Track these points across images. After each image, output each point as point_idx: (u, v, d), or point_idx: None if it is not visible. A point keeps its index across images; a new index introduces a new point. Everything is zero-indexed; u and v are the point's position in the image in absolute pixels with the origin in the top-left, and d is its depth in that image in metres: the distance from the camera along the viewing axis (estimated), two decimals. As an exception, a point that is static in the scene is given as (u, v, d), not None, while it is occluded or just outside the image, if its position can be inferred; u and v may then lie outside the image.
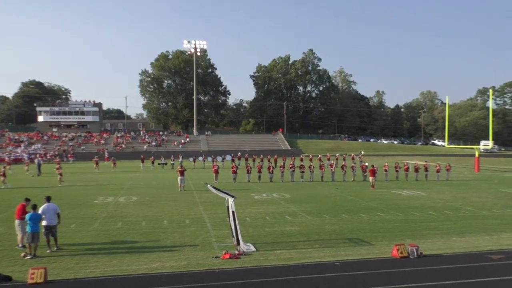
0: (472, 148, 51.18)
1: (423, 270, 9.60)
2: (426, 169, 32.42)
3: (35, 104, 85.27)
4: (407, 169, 32.15)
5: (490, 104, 53.50)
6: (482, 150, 64.04)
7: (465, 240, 12.51)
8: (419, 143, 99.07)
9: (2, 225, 14.70)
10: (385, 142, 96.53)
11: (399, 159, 51.23)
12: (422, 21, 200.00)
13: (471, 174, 37.88)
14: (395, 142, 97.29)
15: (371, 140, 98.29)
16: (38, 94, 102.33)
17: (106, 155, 60.46)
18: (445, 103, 73.27)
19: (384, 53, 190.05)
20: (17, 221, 11.52)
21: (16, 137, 69.93)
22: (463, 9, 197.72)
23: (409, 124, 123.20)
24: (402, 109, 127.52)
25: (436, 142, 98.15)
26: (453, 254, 11.01)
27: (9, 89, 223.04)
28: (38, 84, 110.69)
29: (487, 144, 59.99)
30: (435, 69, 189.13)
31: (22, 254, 10.77)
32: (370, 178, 26.10)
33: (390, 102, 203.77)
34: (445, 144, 52.39)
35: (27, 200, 11.83)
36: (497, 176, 36.42)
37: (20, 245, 11.44)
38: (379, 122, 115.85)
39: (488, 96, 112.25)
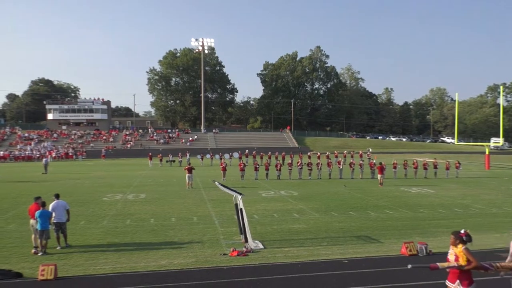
0: (482, 146, 50.67)
1: (432, 268, 9.52)
2: (435, 167, 32.15)
3: (44, 102, 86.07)
4: (416, 167, 31.91)
5: (501, 101, 52.88)
6: (492, 148, 63.42)
7: (475, 238, 12.35)
8: (428, 141, 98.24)
9: (13, 222, 14.89)
10: (393, 139, 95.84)
11: (408, 156, 50.93)
12: (431, 17, 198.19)
13: (481, 172, 37.50)
14: (404, 140, 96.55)
15: (380, 137, 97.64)
16: (47, 92, 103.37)
17: (103, 152, 60.75)
18: (454, 100, 72.65)
19: (393, 49, 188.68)
20: (32, 221, 11.34)
21: (26, 135, 70.75)
22: (473, 4, 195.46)
23: (418, 121, 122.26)
24: (411, 106, 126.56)
25: (446, 139, 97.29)
26: (462, 252, 10.90)
27: (19, 87, 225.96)
28: (48, 82, 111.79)
29: (498, 141, 59.42)
30: (445, 66, 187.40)
31: (33, 251, 10.89)
32: (379, 176, 25.98)
33: (399, 99, 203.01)
34: (455, 141, 51.93)
35: (38, 198, 11.57)
36: (508, 173, 36.01)
37: (35, 245, 11.13)
38: (388, 119, 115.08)
39: (499, 93, 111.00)
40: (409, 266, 6.18)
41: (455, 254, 6.00)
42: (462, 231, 6.07)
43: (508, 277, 6.57)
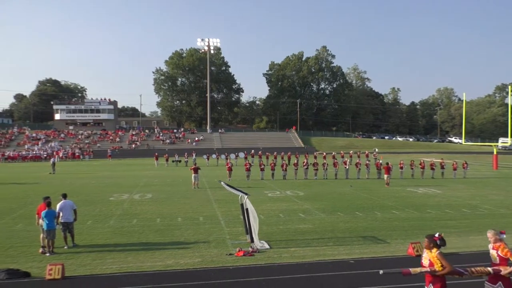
0: (490, 146, 50.25)
1: (440, 269, 9.45)
2: (442, 167, 31.93)
3: (52, 102, 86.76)
4: (423, 167, 31.71)
5: (509, 100, 52.25)
6: (500, 148, 62.88)
7: (483, 238, 12.23)
8: (435, 141, 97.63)
9: (20, 221, 14.99)
10: (400, 139, 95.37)
11: (414, 156, 50.64)
12: (438, 17, 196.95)
13: (489, 172, 37.18)
14: (411, 140, 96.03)
15: (386, 137, 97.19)
16: (54, 92, 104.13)
17: (109, 152, 61.16)
18: (462, 100, 72.17)
19: (400, 49, 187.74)
20: (41, 221, 11.31)
21: (34, 135, 71.31)
22: (481, 3, 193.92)
23: (425, 121, 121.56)
24: (418, 106, 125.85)
25: (453, 139, 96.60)
26: (470, 253, 10.85)
27: (27, 87, 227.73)
28: (55, 83, 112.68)
29: (506, 141, 58.87)
30: (452, 65, 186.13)
31: (40, 250, 10.95)
32: (385, 176, 25.85)
33: (406, 99, 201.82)
34: (462, 141, 51.54)
35: (47, 198, 11.50)
36: (516, 173, 35.66)
37: (42, 244, 11.13)
38: (394, 119, 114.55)
39: (507, 93, 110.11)
40: (381, 272, 6.03)
41: (429, 259, 5.85)
42: (437, 235, 5.89)
43: (482, 280, 6.42)
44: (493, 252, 6.24)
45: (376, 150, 55.74)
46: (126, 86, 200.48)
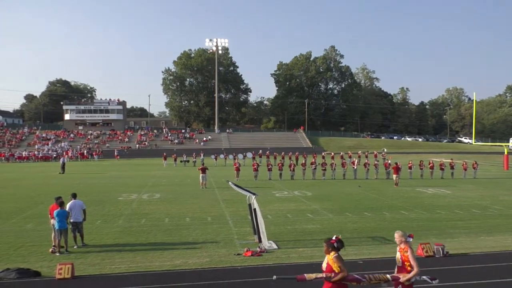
0: (501, 146, 49.69)
1: (449, 270, 9.39)
2: (452, 167, 31.63)
3: (62, 103, 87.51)
4: (432, 167, 31.44)
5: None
6: (511, 148, 62.10)
7: (494, 239, 12.16)
8: (445, 141, 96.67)
9: (31, 221, 15.15)
10: (409, 139, 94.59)
11: (424, 156, 50.18)
12: (447, 15, 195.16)
13: (500, 172, 36.77)
14: (420, 140, 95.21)
15: (395, 137, 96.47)
16: (64, 92, 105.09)
17: (116, 152, 61.51)
18: (472, 100, 71.48)
19: (409, 49, 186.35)
20: (52, 220, 11.41)
21: (44, 135, 72.06)
22: (491, 3, 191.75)
23: (434, 121, 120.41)
24: (427, 106, 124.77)
25: (463, 139, 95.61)
26: (480, 254, 10.72)
27: (37, 88, 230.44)
28: (65, 83, 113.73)
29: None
30: (462, 65, 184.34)
31: (50, 250, 11.06)
32: (394, 176, 25.70)
33: (415, 99, 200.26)
34: (472, 141, 51.01)
35: (58, 198, 11.53)
36: (527, 174, 35.20)
37: (53, 244, 11.23)
38: (403, 119, 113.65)
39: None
40: (274, 277, 5.81)
41: (327, 263, 5.64)
42: (334, 238, 5.73)
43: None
44: (398, 255, 6.14)
45: (385, 150, 55.47)
46: (135, 86, 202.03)
